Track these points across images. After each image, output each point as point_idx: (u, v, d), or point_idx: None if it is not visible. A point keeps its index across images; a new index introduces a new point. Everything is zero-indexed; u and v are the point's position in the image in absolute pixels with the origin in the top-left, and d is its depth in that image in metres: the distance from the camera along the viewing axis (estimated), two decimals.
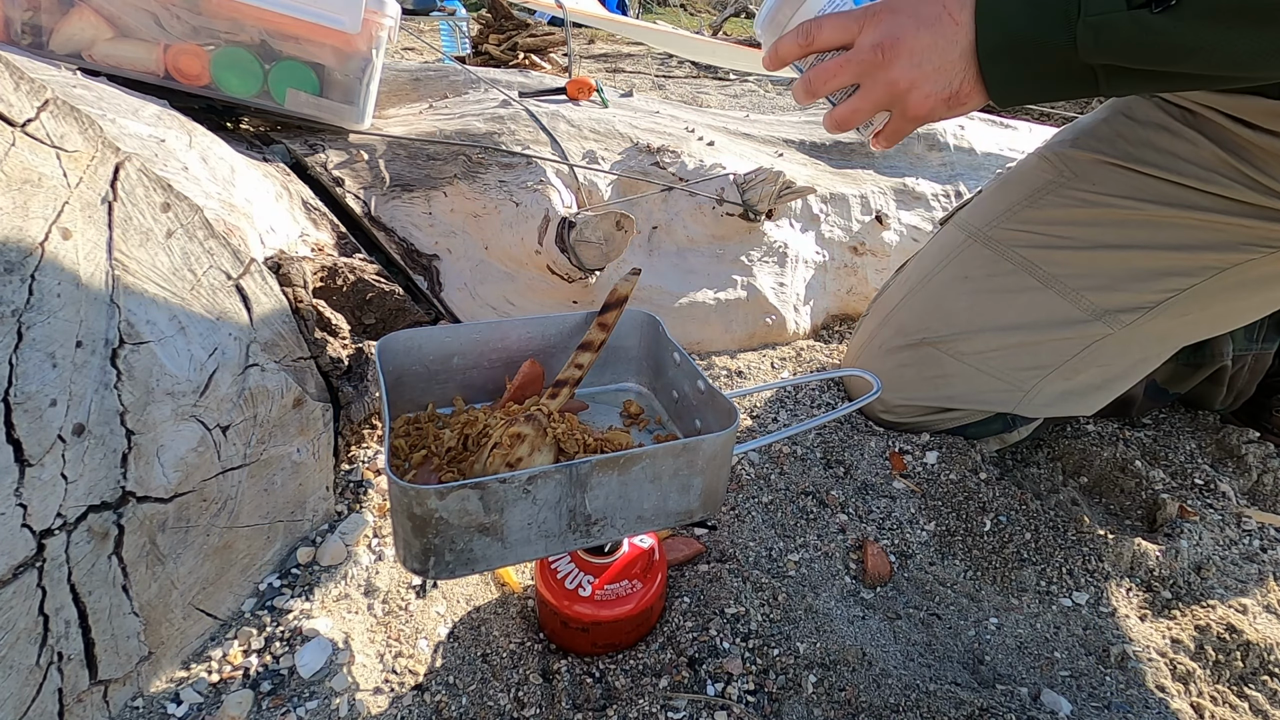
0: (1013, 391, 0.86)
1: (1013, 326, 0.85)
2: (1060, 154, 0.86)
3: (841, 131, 0.68)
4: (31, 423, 0.48)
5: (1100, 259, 0.81)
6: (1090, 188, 0.82)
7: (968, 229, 0.89)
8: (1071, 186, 0.83)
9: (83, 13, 0.92)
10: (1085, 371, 0.85)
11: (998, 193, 0.89)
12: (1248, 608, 0.75)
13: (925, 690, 0.60)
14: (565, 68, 3.15)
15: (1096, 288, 0.81)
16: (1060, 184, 0.84)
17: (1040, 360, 0.85)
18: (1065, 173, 0.84)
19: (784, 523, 0.79)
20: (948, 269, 0.90)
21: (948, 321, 0.88)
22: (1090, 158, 0.83)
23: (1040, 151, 0.89)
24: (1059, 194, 0.84)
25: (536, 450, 0.49)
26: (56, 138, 0.52)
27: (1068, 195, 0.83)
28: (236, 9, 0.94)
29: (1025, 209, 0.85)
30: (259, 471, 0.63)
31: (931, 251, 0.94)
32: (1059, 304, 0.83)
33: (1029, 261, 0.84)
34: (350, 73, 1.01)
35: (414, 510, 0.42)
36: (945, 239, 0.92)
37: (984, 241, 0.87)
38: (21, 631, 0.47)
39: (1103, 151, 0.82)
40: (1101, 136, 0.84)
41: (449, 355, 0.62)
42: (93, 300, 0.52)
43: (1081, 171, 0.83)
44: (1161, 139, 0.79)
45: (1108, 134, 0.84)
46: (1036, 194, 0.85)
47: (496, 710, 0.57)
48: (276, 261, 0.77)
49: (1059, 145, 0.87)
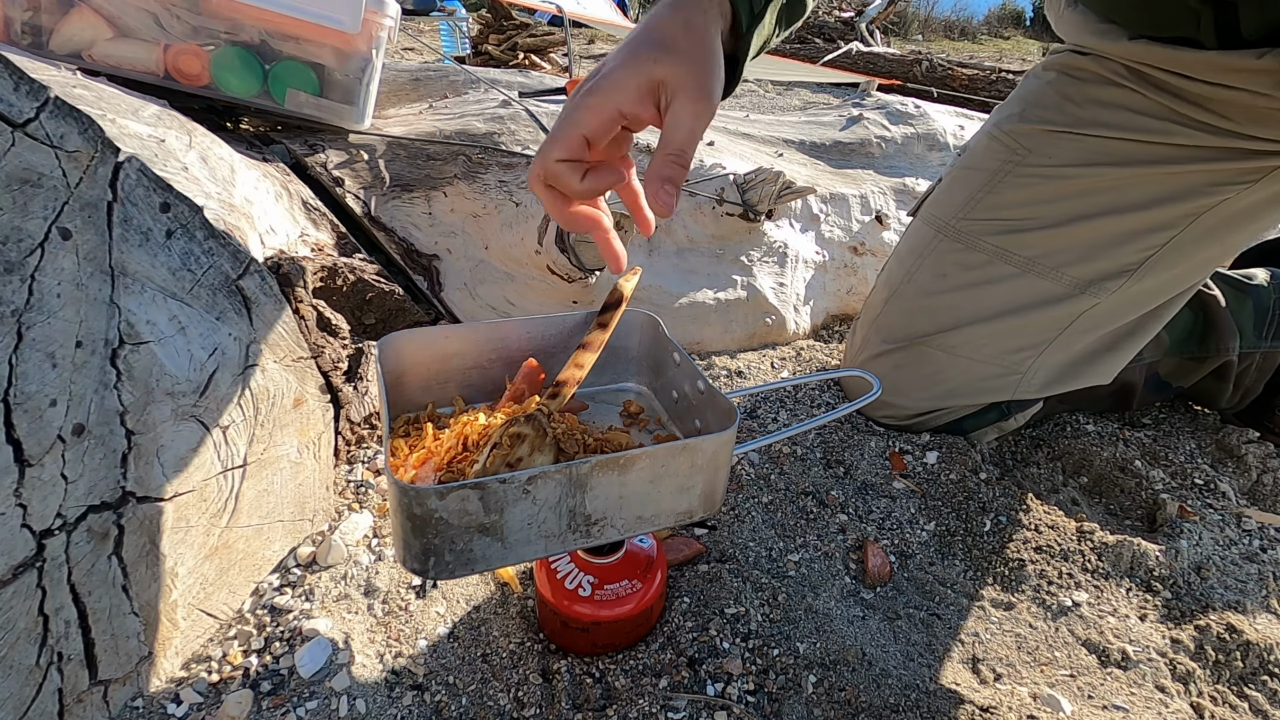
0: (1009, 375, 0.86)
1: (998, 315, 0.83)
2: (1010, 131, 0.84)
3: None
4: (31, 423, 0.48)
5: (1072, 233, 0.80)
6: (1046, 161, 0.81)
7: (935, 224, 0.88)
8: (1027, 164, 0.82)
9: (83, 13, 0.92)
10: (1084, 339, 0.83)
11: (957, 181, 0.88)
12: (1248, 608, 0.75)
13: (925, 690, 0.61)
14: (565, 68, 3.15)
15: (1075, 261, 0.80)
16: (1015, 164, 0.82)
17: (1031, 339, 0.84)
18: (1019, 150, 0.83)
19: (784, 523, 0.79)
20: (924, 268, 0.89)
21: (933, 320, 0.87)
22: (1040, 130, 0.82)
23: (990, 131, 0.87)
24: (1016, 174, 0.82)
25: (536, 450, 0.49)
26: (56, 138, 0.52)
27: (1025, 174, 0.82)
28: (236, 9, 0.94)
29: (986, 196, 0.84)
30: (259, 471, 0.63)
31: (905, 251, 0.93)
32: (1041, 285, 0.82)
33: (1002, 249, 0.82)
34: (350, 73, 1.01)
35: (414, 510, 0.42)
36: (916, 237, 0.91)
37: (953, 235, 0.86)
38: (21, 631, 0.47)
39: (1052, 121, 0.81)
40: (1048, 104, 0.82)
41: (449, 355, 0.62)
42: (93, 300, 0.52)
43: (1035, 146, 0.82)
44: (1108, 93, 0.78)
45: (1054, 99, 0.82)
46: (994, 179, 0.84)
47: (496, 710, 0.57)
48: (276, 261, 0.77)
49: (1007, 121, 0.85)
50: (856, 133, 1.49)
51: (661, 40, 0.51)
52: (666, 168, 0.50)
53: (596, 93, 0.50)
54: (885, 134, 1.50)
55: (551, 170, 0.51)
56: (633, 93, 0.50)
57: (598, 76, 0.51)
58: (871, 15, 5.76)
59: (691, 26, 0.52)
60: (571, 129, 0.50)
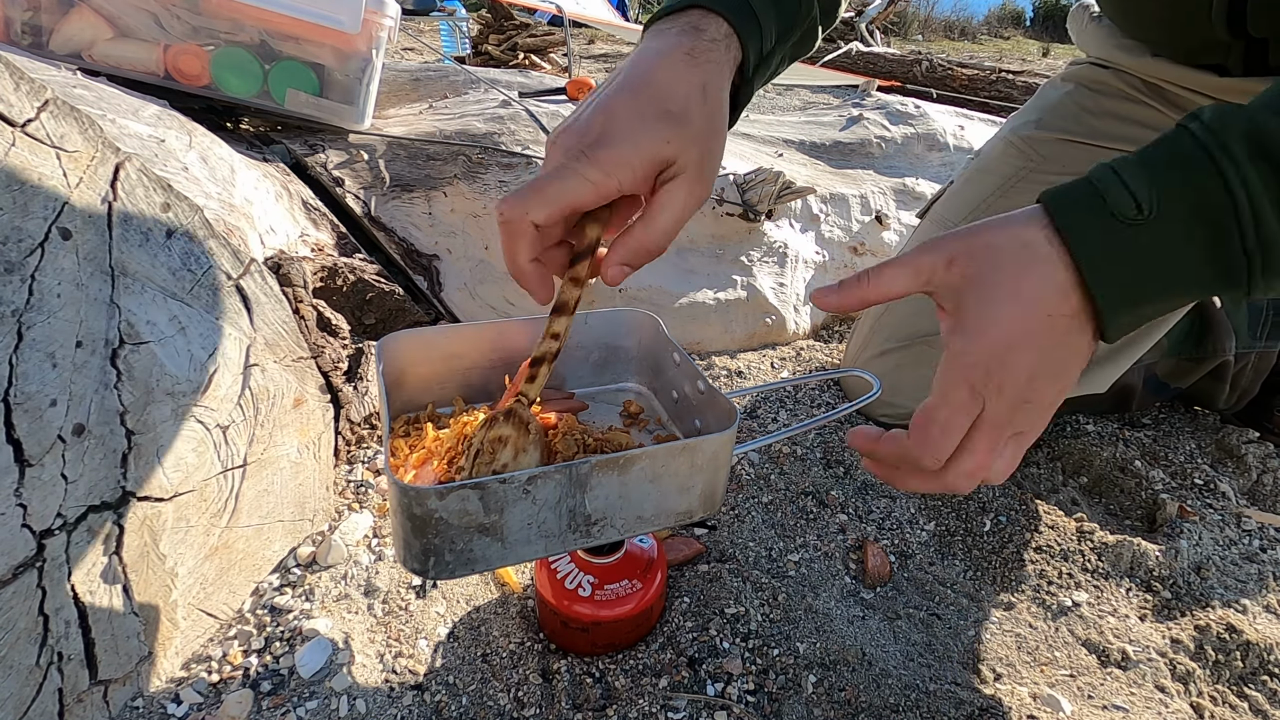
0: None
1: None
2: (1026, 138, 0.85)
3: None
4: (31, 423, 0.48)
5: None
6: (1060, 169, 0.81)
7: (944, 224, 0.89)
8: (1041, 171, 0.83)
9: (83, 13, 0.92)
10: None
11: (969, 184, 0.89)
12: (1248, 608, 0.75)
13: (925, 690, 0.61)
14: (565, 68, 3.15)
15: None
16: (1030, 170, 0.83)
17: None
18: (1034, 157, 0.83)
19: (784, 523, 0.79)
20: None
21: (935, 320, 0.87)
22: (1056, 139, 0.82)
23: (1006, 137, 0.88)
24: (1030, 180, 0.83)
25: (521, 451, 0.48)
26: (56, 138, 0.52)
27: (1039, 181, 0.82)
28: (236, 9, 0.94)
29: (998, 200, 0.85)
30: (259, 471, 0.63)
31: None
32: None
33: None
34: (350, 73, 1.01)
35: (414, 510, 0.42)
36: (922, 237, 0.92)
37: None
38: (21, 631, 0.47)
39: (1068, 131, 0.82)
40: (1065, 114, 0.83)
41: (449, 355, 0.62)
42: (93, 300, 0.52)
43: (1050, 154, 0.82)
44: (1125, 108, 0.79)
45: (1071, 110, 0.83)
46: (1007, 183, 0.84)
47: (496, 710, 0.57)
48: (276, 261, 0.77)
49: (1024, 128, 0.86)
50: (856, 133, 1.49)
51: (675, 113, 0.45)
52: (637, 252, 0.46)
53: (599, 164, 0.43)
54: (885, 134, 1.50)
55: (522, 228, 0.44)
56: (640, 173, 0.44)
57: (600, 132, 0.44)
58: (871, 15, 5.77)
59: (709, 94, 0.46)
60: (565, 196, 0.43)
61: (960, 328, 0.42)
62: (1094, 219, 0.40)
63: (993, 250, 0.42)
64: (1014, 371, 0.40)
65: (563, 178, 0.43)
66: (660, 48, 0.47)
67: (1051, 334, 0.40)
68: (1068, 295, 0.40)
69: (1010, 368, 0.40)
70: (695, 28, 0.48)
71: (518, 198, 0.44)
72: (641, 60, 0.47)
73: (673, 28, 0.48)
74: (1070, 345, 0.41)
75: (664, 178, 0.46)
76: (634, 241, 0.46)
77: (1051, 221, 0.41)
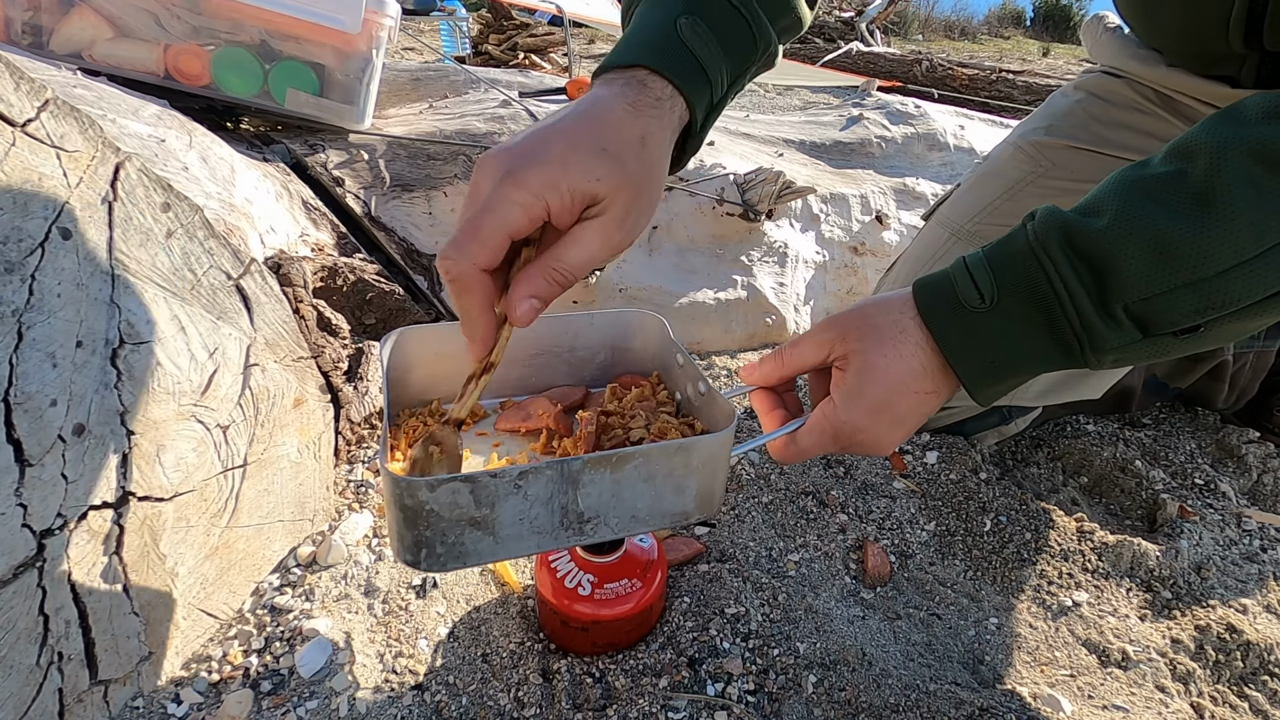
0: None
1: None
2: (1035, 143, 0.86)
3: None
4: (32, 423, 0.48)
5: None
6: (1068, 176, 0.82)
7: (950, 226, 0.89)
8: (1049, 177, 0.83)
9: (83, 13, 0.93)
10: None
11: (976, 187, 0.89)
12: (1248, 608, 0.75)
13: (925, 690, 0.60)
14: (565, 68, 3.16)
15: None
16: (1038, 175, 0.84)
17: None
18: (1042, 163, 0.84)
19: (784, 523, 0.79)
20: (933, 269, 0.89)
21: None
22: (1064, 146, 0.83)
23: (1014, 142, 0.88)
24: (1037, 185, 0.84)
25: (427, 474, 0.46)
26: (56, 138, 0.52)
27: (1045, 186, 0.83)
28: (237, 9, 0.94)
29: (1004, 203, 0.85)
30: (259, 471, 0.63)
31: (916, 251, 0.93)
32: None
33: None
34: (350, 73, 1.01)
35: (405, 502, 0.42)
36: (929, 237, 0.92)
37: (966, 239, 0.87)
38: (21, 631, 0.47)
39: (1076, 138, 0.83)
40: (1075, 121, 0.84)
41: (453, 355, 0.62)
42: (93, 300, 0.52)
43: (1058, 160, 0.83)
44: (1134, 118, 0.80)
45: (1081, 118, 0.84)
46: (1014, 187, 0.85)
47: (496, 710, 0.57)
48: (277, 261, 0.77)
49: (1033, 134, 0.87)
50: (857, 133, 1.49)
51: (611, 153, 0.44)
52: (543, 283, 0.44)
53: (525, 186, 0.41)
54: (885, 134, 1.50)
55: (473, 280, 0.43)
56: (567, 199, 0.42)
57: (531, 155, 0.43)
58: (871, 15, 5.77)
59: (648, 145, 0.46)
60: (502, 227, 0.42)
61: (843, 390, 0.49)
62: (948, 307, 0.48)
63: (876, 330, 0.49)
64: (872, 432, 0.49)
65: (492, 209, 0.42)
66: (604, 95, 0.47)
67: (910, 405, 0.49)
68: (929, 375, 0.48)
69: (870, 430, 0.49)
70: (641, 83, 0.47)
71: (457, 249, 0.42)
72: (584, 102, 0.47)
73: (619, 79, 0.47)
74: (924, 410, 0.50)
75: (587, 215, 0.44)
76: (534, 274, 0.44)
77: (917, 308, 0.49)
